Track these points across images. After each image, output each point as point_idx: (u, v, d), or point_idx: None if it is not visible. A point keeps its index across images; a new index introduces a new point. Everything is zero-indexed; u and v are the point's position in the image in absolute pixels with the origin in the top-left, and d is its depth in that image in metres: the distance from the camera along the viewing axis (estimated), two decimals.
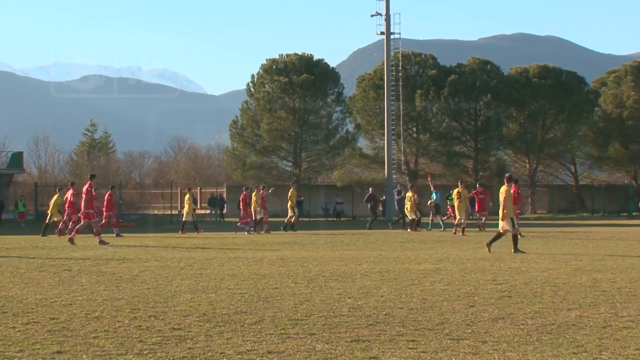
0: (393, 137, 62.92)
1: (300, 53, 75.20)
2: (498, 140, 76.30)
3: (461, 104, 75.14)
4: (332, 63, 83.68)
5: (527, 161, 79.21)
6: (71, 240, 27.22)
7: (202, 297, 12.70)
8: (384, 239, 30.71)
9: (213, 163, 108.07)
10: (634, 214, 67.96)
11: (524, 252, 21.52)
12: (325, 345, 8.71)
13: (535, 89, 76.08)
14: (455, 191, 36.11)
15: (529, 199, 75.29)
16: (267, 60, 75.07)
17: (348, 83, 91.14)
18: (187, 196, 38.77)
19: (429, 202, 41.51)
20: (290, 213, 40.02)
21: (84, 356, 8.17)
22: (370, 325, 9.91)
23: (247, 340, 8.93)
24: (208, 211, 67.62)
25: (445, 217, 41.63)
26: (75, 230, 28.30)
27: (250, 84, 75.19)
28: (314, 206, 67.17)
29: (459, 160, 76.62)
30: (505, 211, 21.63)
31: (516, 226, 21.99)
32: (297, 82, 71.38)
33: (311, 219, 60.85)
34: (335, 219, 62.16)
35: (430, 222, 41.35)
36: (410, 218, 38.74)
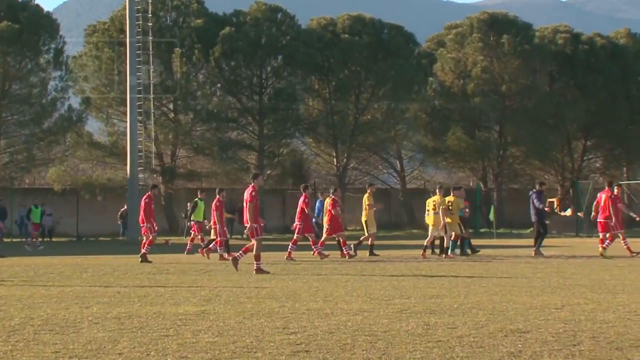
0: (140, 119, 62.74)
1: None
2: (293, 123, 77.28)
3: (240, 70, 76.00)
4: (49, 7, 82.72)
5: (334, 154, 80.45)
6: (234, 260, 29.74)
7: None
8: (127, 267, 30.49)
9: None
10: (482, 230, 69.36)
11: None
12: None
13: (345, 49, 77.63)
14: (430, 200, 36.95)
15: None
16: None
17: (72, 35, 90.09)
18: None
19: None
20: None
21: None
22: None
23: None
24: None
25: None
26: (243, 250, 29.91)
27: None
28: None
29: (237, 153, 76.96)
30: None
31: None
32: None
33: (13, 240, 59.76)
34: (46, 240, 61.08)
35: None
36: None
